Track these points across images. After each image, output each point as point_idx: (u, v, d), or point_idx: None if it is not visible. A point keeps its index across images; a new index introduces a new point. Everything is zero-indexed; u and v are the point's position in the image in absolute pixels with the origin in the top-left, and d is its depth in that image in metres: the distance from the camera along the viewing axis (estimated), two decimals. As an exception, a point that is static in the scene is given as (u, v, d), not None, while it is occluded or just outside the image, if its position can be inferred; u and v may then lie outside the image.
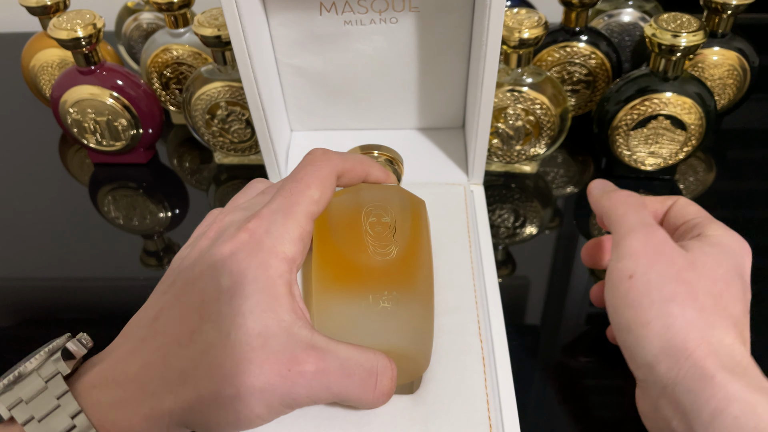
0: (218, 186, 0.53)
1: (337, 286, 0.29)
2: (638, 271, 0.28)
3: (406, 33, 0.44)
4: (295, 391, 0.24)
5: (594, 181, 0.36)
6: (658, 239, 0.29)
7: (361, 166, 0.31)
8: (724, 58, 0.51)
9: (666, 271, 0.28)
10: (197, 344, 0.25)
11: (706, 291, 0.27)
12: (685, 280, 0.28)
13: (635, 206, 0.31)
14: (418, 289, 0.30)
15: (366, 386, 0.25)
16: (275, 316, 0.25)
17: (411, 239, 0.30)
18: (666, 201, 0.34)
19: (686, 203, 0.33)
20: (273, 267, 0.25)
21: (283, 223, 0.26)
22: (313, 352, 0.24)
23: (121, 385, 0.25)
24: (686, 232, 0.32)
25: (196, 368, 0.24)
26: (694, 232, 0.31)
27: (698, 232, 0.31)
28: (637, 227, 0.30)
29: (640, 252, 0.29)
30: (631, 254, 0.29)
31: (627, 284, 0.28)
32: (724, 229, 0.31)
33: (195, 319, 0.25)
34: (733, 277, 0.29)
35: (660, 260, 0.28)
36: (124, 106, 0.50)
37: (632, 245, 0.29)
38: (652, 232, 0.29)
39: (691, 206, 0.33)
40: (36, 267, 0.46)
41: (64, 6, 0.54)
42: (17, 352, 0.40)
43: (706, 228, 0.31)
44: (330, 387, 0.25)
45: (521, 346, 0.38)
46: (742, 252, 0.30)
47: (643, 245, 0.29)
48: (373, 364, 0.26)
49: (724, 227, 0.31)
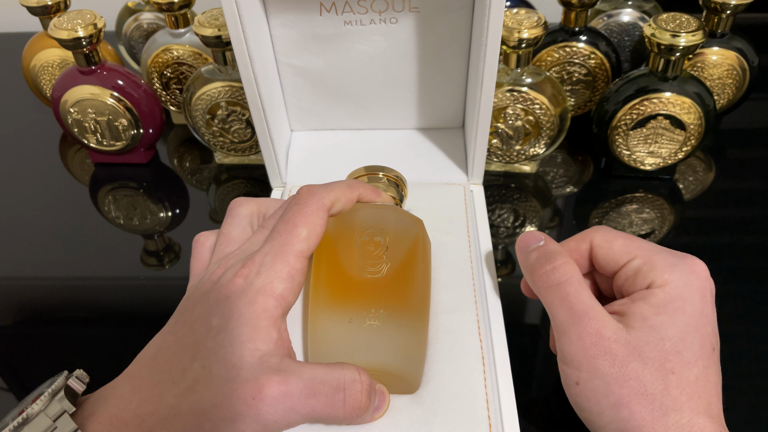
0: (218, 186, 0.53)
1: (327, 305, 0.30)
2: (582, 378, 0.28)
3: (406, 33, 0.44)
4: (262, 418, 0.24)
5: (518, 240, 0.33)
6: (592, 336, 0.27)
7: (350, 191, 0.32)
8: (723, 57, 0.51)
9: (609, 374, 0.27)
10: (186, 381, 0.26)
11: (654, 377, 0.27)
12: (630, 377, 0.27)
13: (559, 292, 0.29)
14: (409, 308, 0.30)
15: (334, 403, 0.26)
16: (252, 346, 0.26)
17: (404, 258, 0.31)
18: (585, 238, 0.32)
19: (605, 239, 0.31)
20: (258, 303, 0.27)
21: (272, 264, 0.28)
22: (275, 377, 0.25)
23: (124, 423, 0.26)
24: (630, 285, 0.30)
25: (183, 404, 0.25)
26: (638, 283, 0.29)
27: (644, 283, 0.29)
28: (567, 326, 0.28)
29: (579, 358, 0.27)
30: (571, 360, 0.28)
31: (575, 390, 0.28)
32: (671, 267, 0.29)
33: (187, 357, 0.26)
34: (687, 333, 0.27)
35: (600, 363, 0.27)
36: (124, 106, 0.50)
37: (569, 351, 0.28)
38: (583, 328, 0.28)
39: (615, 240, 0.31)
40: (36, 267, 0.46)
41: (65, 6, 0.54)
42: (17, 352, 0.40)
43: (650, 274, 0.29)
44: (296, 408, 0.25)
45: (521, 346, 0.38)
46: (697, 291, 0.28)
47: (578, 350, 0.28)
48: (338, 379, 0.26)
49: (669, 263, 0.29)
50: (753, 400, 0.35)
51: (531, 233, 0.32)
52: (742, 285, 0.42)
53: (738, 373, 0.36)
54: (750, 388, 0.36)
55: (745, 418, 0.34)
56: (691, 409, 0.26)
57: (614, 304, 0.29)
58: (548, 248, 0.31)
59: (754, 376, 0.37)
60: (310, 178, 0.46)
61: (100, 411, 0.26)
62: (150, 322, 0.33)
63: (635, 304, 0.28)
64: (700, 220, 0.48)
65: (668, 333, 0.27)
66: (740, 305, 0.41)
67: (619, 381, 0.27)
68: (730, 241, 0.46)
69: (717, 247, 0.46)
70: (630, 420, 0.26)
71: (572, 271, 0.29)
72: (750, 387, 0.36)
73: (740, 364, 0.36)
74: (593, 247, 0.31)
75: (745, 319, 0.39)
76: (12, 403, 0.37)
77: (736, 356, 0.35)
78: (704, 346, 0.28)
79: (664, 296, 0.28)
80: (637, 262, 0.30)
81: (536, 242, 0.32)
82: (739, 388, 0.35)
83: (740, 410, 0.34)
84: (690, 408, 0.26)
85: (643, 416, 0.26)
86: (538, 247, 0.31)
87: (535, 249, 0.31)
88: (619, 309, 0.29)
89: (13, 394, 0.38)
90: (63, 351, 0.40)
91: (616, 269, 0.31)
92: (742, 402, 0.35)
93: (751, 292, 0.42)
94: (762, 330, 0.39)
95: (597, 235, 0.31)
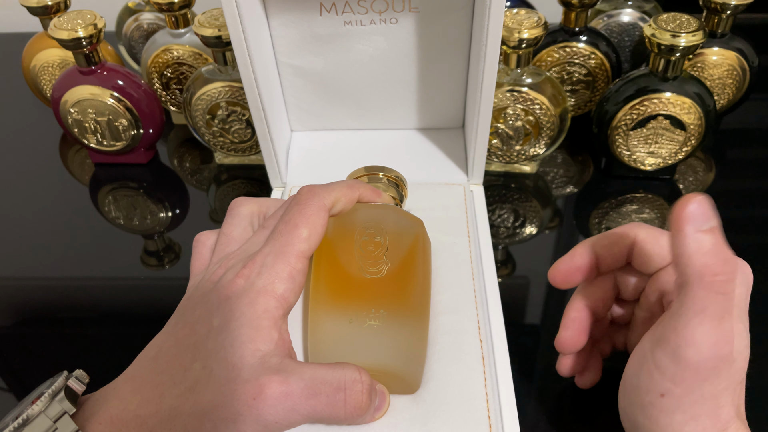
0: (218, 186, 0.53)
1: (327, 305, 0.30)
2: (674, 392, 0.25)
3: (406, 33, 0.44)
4: (263, 418, 0.25)
5: (684, 207, 0.25)
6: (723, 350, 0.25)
7: (350, 191, 0.32)
8: (723, 58, 0.51)
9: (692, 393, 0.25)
10: (187, 381, 0.26)
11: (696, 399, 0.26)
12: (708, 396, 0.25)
13: (724, 305, 0.25)
14: (409, 308, 0.30)
15: (335, 403, 0.26)
16: (252, 346, 0.26)
17: (404, 259, 0.31)
18: (628, 233, 0.30)
19: (651, 235, 0.29)
20: (259, 303, 0.27)
21: (273, 264, 0.28)
22: (276, 377, 0.25)
23: (125, 424, 0.26)
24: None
25: (184, 405, 0.25)
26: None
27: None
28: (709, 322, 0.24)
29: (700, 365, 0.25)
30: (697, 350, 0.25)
31: (659, 402, 0.26)
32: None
33: (188, 357, 0.26)
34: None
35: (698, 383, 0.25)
36: (124, 107, 0.50)
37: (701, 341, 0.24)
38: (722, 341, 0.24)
39: (661, 237, 0.29)
40: (36, 267, 0.46)
41: (65, 6, 0.54)
42: (17, 352, 0.40)
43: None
44: (296, 409, 0.25)
45: (521, 346, 0.38)
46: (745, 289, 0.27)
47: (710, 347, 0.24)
48: (339, 379, 0.26)
49: None
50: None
51: (699, 204, 0.25)
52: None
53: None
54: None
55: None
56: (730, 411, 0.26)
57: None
58: (722, 242, 0.25)
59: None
60: (310, 178, 0.46)
61: (101, 412, 0.26)
62: (150, 322, 0.33)
63: None
64: (700, 221, 0.48)
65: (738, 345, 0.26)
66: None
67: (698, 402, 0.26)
68: (730, 241, 0.46)
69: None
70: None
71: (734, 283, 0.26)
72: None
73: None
74: (638, 242, 0.30)
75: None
76: (12, 403, 0.37)
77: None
78: None
79: None
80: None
81: (707, 221, 0.25)
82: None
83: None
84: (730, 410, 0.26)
85: None
86: (713, 231, 0.25)
87: (710, 231, 0.25)
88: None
89: (13, 394, 0.38)
90: (63, 351, 0.40)
91: (662, 265, 0.30)
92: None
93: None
94: (762, 330, 0.39)
95: (641, 231, 0.30)
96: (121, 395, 0.27)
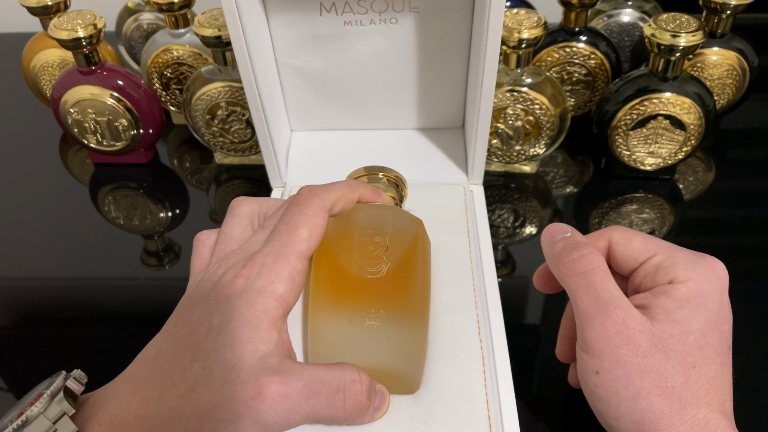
0: (218, 186, 0.53)
1: (327, 305, 0.30)
2: (603, 367, 0.27)
3: (406, 33, 0.44)
4: (262, 419, 0.25)
5: (544, 231, 0.32)
6: (617, 325, 0.27)
7: (350, 191, 0.32)
8: (723, 58, 0.51)
9: (630, 364, 0.27)
10: (186, 382, 0.26)
11: (676, 371, 0.27)
12: (651, 368, 0.27)
13: (585, 280, 0.28)
14: (409, 308, 0.30)
15: (334, 403, 0.26)
16: (252, 347, 0.26)
17: (404, 259, 0.31)
18: (602, 236, 0.31)
19: (624, 237, 0.31)
20: (259, 304, 0.27)
21: (273, 265, 0.28)
22: (275, 378, 0.25)
23: (125, 424, 0.26)
24: (650, 280, 0.29)
25: (183, 406, 0.25)
26: (659, 279, 0.29)
27: (665, 278, 0.29)
28: (592, 313, 0.28)
29: (602, 346, 0.27)
30: (592, 349, 0.28)
31: (594, 379, 0.28)
32: (692, 264, 0.29)
33: (188, 358, 0.26)
34: (709, 329, 0.28)
35: (622, 353, 0.27)
36: (124, 107, 0.50)
37: (592, 338, 0.28)
38: (608, 316, 0.27)
39: (634, 238, 0.31)
40: (36, 267, 0.46)
41: (65, 6, 0.54)
42: (17, 352, 0.40)
43: (672, 270, 0.29)
44: (296, 409, 0.25)
45: (521, 346, 0.38)
46: (716, 287, 0.28)
47: (602, 338, 0.27)
48: (338, 380, 0.26)
49: (690, 260, 0.29)
50: (752, 400, 0.35)
51: (557, 225, 0.32)
52: (743, 285, 0.42)
53: (738, 373, 0.36)
54: (748, 388, 0.36)
55: (744, 418, 0.34)
56: (707, 404, 0.27)
57: (635, 297, 0.29)
58: (575, 239, 0.31)
59: (753, 376, 0.37)
60: (310, 178, 0.46)
61: (100, 412, 0.26)
62: (150, 322, 0.33)
63: (658, 298, 0.28)
64: (700, 221, 0.49)
65: (692, 327, 0.27)
66: (740, 305, 0.40)
67: (640, 372, 0.27)
68: (731, 241, 0.46)
69: (717, 247, 0.46)
70: (648, 412, 0.26)
71: (599, 260, 0.29)
72: (749, 387, 0.36)
73: (740, 364, 0.36)
74: (612, 244, 0.31)
75: (745, 319, 0.39)
76: (12, 403, 0.37)
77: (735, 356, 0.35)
78: (722, 344, 0.28)
79: (686, 291, 0.28)
80: (658, 258, 0.29)
81: (563, 233, 0.31)
82: (738, 387, 0.35)
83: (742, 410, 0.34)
84: (707, 404, 0.27)
85: (661, 408, 0.26)
86: (565, 237, 0.31)
87: (562, 239, 0.31)
88: (641, 302, 0.29)
89: (13, 394, 0.38)
90: (63, 351, 0.40)
91: (634, 267, 0.31)
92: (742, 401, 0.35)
93: (752, 293, 0.42)
94: (762, 330, 0.39)
95: (615, 233, 0.31)
96: (121, 396, 0.27)
